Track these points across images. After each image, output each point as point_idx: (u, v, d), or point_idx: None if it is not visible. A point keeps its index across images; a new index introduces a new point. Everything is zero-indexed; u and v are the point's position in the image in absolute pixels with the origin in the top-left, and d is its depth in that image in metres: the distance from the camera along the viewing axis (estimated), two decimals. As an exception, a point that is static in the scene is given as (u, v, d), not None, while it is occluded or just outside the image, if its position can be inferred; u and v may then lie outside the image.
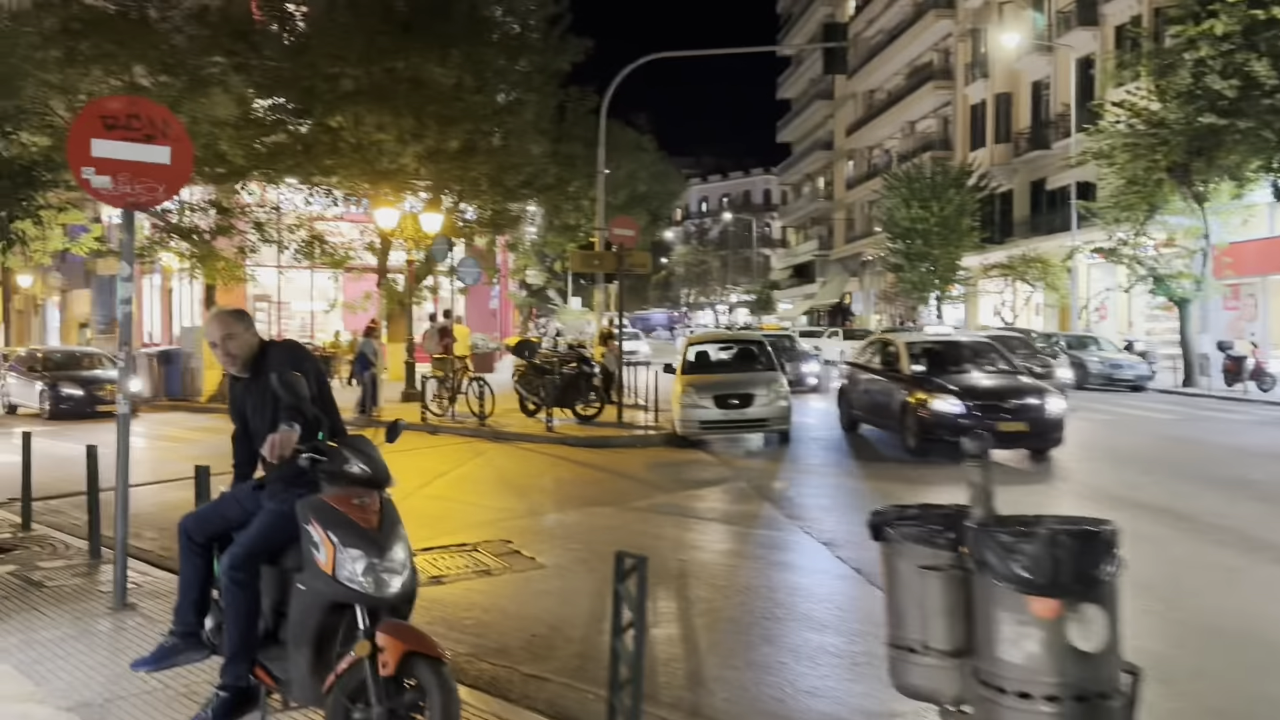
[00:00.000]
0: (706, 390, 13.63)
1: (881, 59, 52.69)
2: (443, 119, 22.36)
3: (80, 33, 21.08)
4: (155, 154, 5.83)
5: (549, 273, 36.31)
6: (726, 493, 10.40)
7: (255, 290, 30.75)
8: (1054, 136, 35.75)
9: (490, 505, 9.83)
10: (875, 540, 3.12)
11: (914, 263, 37.21)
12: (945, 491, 9.62)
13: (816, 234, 68.59)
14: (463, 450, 14.04)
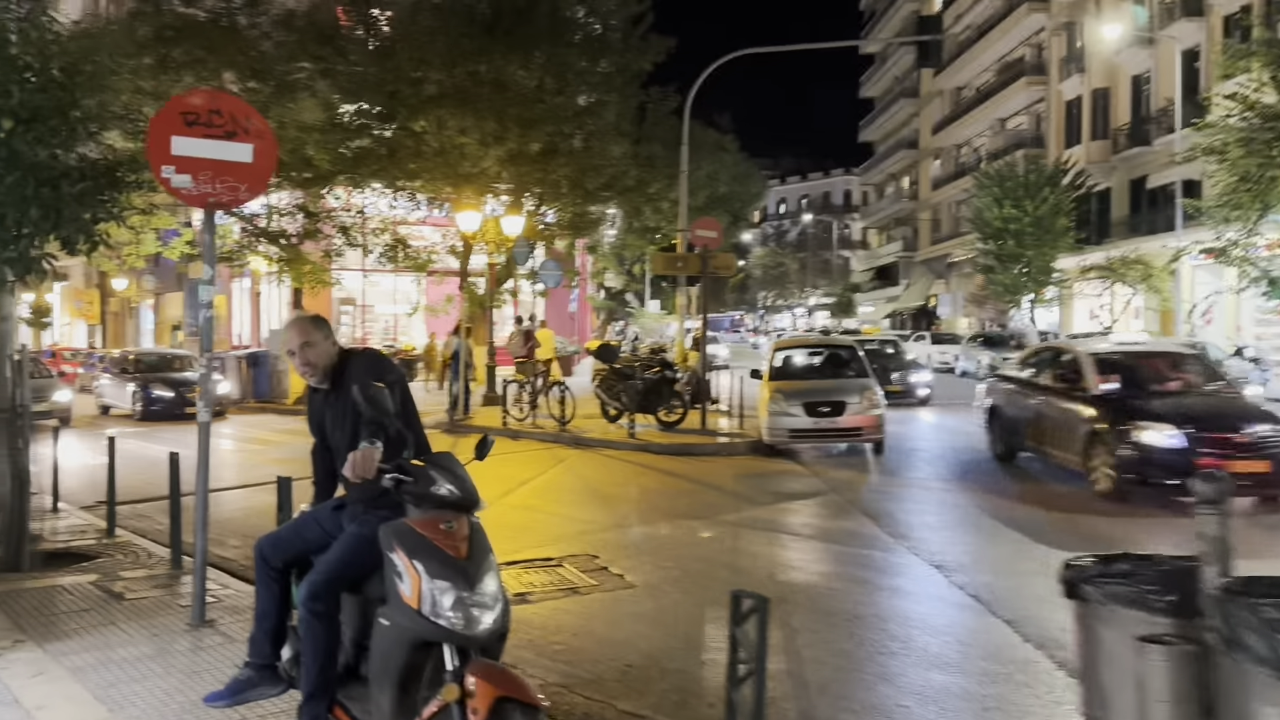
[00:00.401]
0: (796, 397, 13.11)
1: (970, 55, 51.15)
2: (524, 121, 22.21)
3: (172, 40, 21.48)
4: (237, 152, 5.61)
5: (627, 276, 36.00)
6: (821, 507, 9.88)
7: (340, 294, 31.05)
8: (1156, 133, 34.15)
9: (574, 516, 9.49)
10: (1069, 598, 2.62)
11: (1006, 264, 35.90)
12: (1055, 505, 8.97)
13: (900, 235, 67.12)
14: (544, 457, 13.76)
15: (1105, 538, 8.16)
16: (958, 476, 11.84)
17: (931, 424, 17.57)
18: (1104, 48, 37.43)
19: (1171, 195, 34.12)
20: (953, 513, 9.62)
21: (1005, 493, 10.70)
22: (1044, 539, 8.10)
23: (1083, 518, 9.03)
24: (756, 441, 14.02)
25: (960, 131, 54.21)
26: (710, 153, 34.53)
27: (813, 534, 8.61)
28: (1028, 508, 9.73)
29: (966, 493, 10.69)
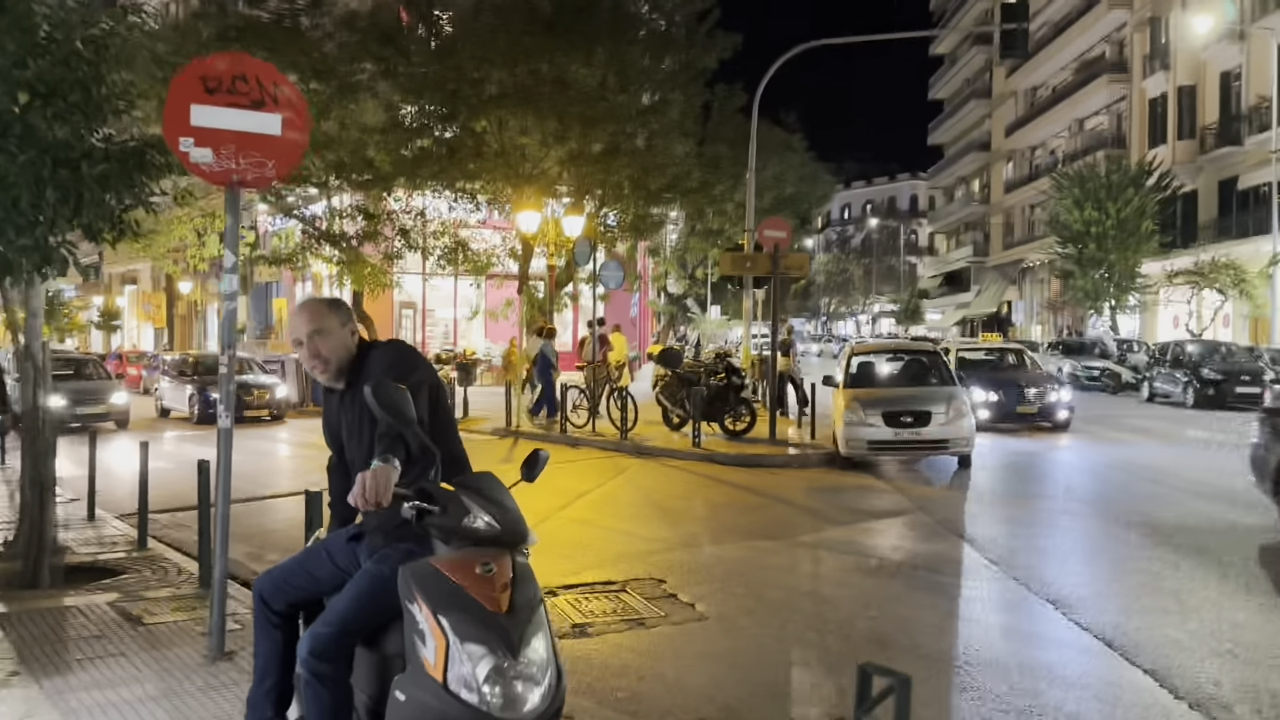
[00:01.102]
0: (875, 406, 12.20)
1: (1046, 54, 49.39)
2: (586, 120, 21.63)
3: (236, 39, 21.31)
4: (264, 123, 4.97)
5: (689, 280, 35.20)
6: (908, 527, 8.99)
7: (400, 297, 30.79)
8: (1248, 131, 32.37)
9: (637, 533, 8.74)
10: None
11: (1087, 269, 34.35)
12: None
13: (970, 240, 65.30)
14: (604, 466, 13.04)
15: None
16: (1058, 494, 10.85)
17: (1084, 460, 13.57)
18: (1190, 44, 35.68)
19: (1264, 197, 32.30)
20: (1060, 536, 8.66)
21: (1108, 511, 9.70)
22: (1179, 572, 7.14)
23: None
24: (831, 453, 13.14)
25: (1035, 133, 52.46)
26: (777, 152, 33.62)
27: (903, 559, 7.73)
28: (1142, 529, 8.74)
29: (1070, 514, 9.71)
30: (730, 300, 58.38)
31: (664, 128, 23.37)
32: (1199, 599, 6.44)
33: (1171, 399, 22.43)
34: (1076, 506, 10.13)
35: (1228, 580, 6.87)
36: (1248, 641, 5.57)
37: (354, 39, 22.40)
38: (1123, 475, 12.23)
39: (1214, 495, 10.34)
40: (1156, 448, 14.58)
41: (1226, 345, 24.39)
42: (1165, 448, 14.65)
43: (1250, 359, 22.69)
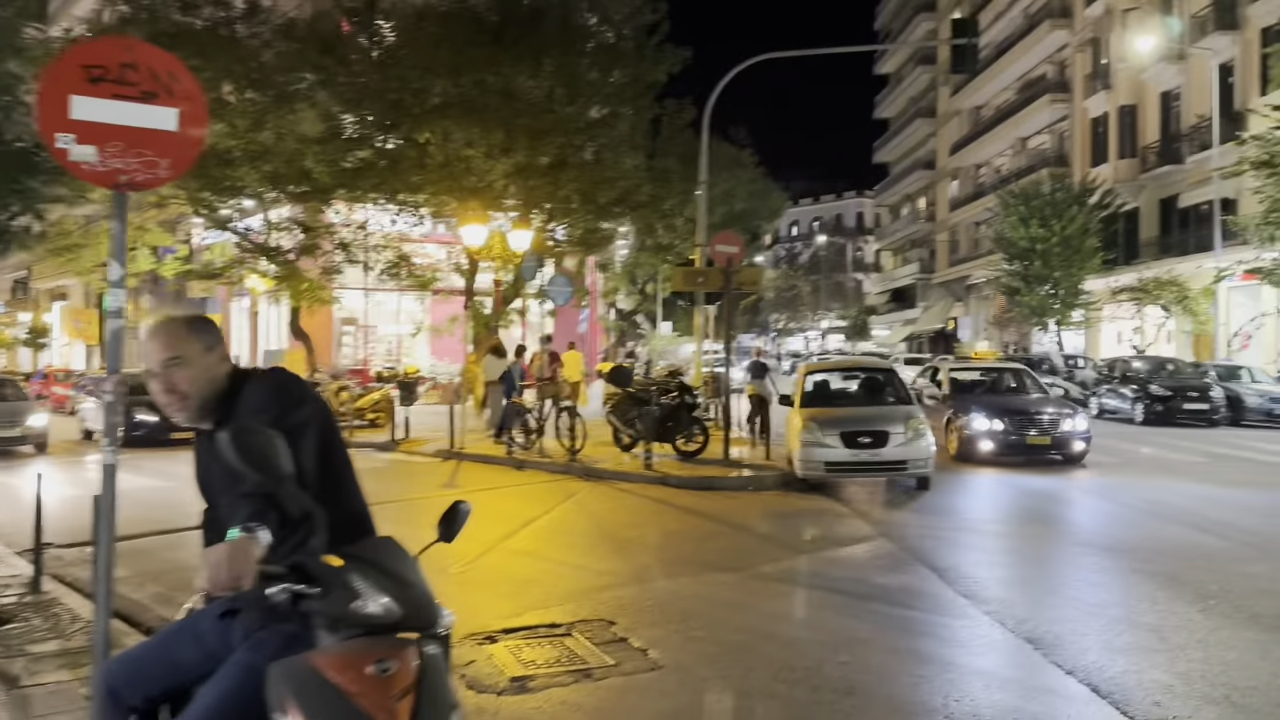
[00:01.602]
0: (832, 426, 11.79)
1: (989, 74, 50.01)
2: (533, 132, 21.11)
3: (166, 47, 20.45)
4: (157, 117, 4.36)
5: (640, 295, 34.76)
6: (873, 556, 8.54)
7: (341, 313, 29.92)
8: (1188, 150, 32.87)
9: (586, 565, 8.17)
10: None
11: (1032, 285, 34.58)
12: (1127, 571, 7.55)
13: (916, 257, 65.88)
14: (552, 490, 12.45)
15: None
16: (1017, 516, 10.50)
17: (1073, 483, 13.26)
18: (1130, 64, 36.25)
19: (1205, 215, 32.83)
20: (1027, 563, 8.28)
21: (1078, 537, 9.37)
22: (1158, 605, 6.77)
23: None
24: (786, 474, 12.71)
25: (979, 151, 53.07)
26: (727, 168, 33.36)
27: (869, 593, 7.27)
28: (1115, 555, 8.40)
29: (1035, 538, 9.35)
30: (681, 316, 58.14)
31: (613, 141, 22.94)
32: (1183, 636, 6.05)
33: (1120, 415, 22.45)
34: (1039, 530, 9.80)
35: (1210, 614, 6.51)
36: (1242, 685, 5.18)
37: (293, 48, 21.69)
38: (1080, 495, 11.96)
39: (1177, 517, 10.07)
40: (1112, 466, 14.38)
41: (1173, 362, 24.55)
42: (1121, 466, 14.45)
43: (1196, 375, 22.82)
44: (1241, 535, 9.07)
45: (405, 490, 12.59)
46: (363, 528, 2.51)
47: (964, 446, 14.43)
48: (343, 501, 2.44)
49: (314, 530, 2.18)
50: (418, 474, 14.26)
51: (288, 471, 2.07)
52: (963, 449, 14.45)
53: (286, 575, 2.04)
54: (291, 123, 21.29)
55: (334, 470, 2.45)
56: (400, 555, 2.33)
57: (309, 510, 2.15)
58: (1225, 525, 9.51)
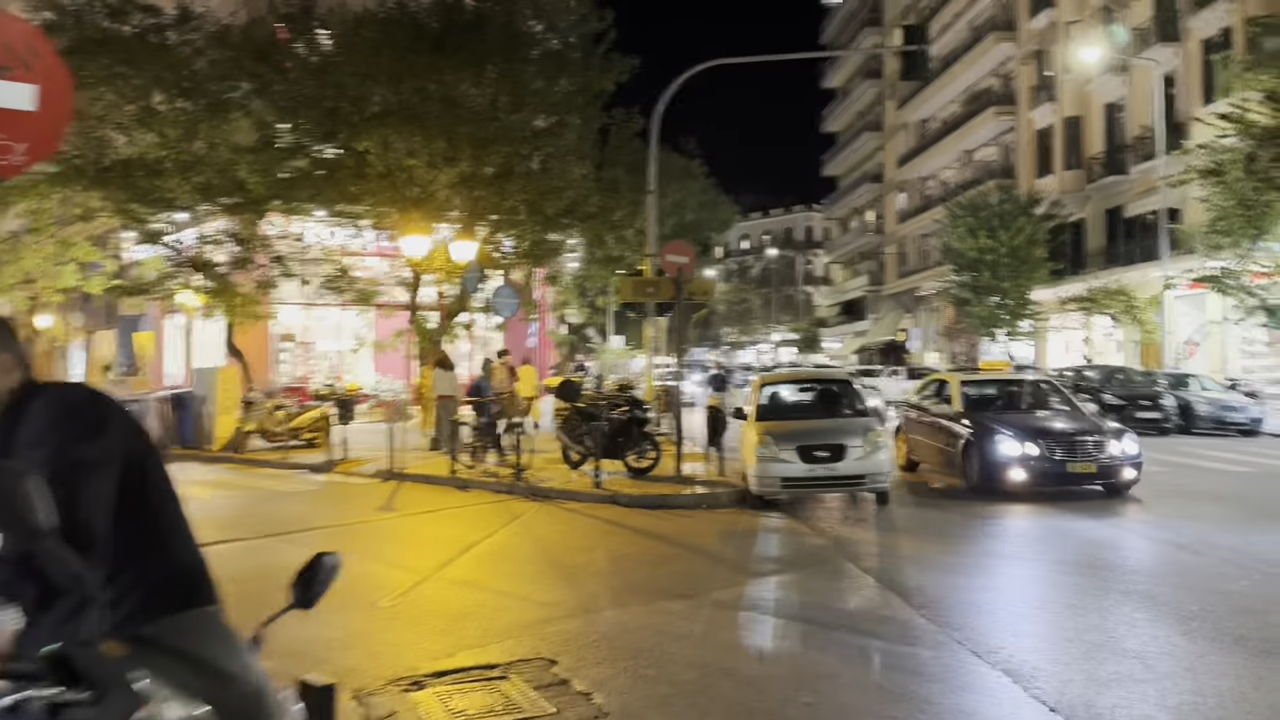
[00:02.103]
0: (788, 440, 11.33)
1: (935, 86, 50.46)
2: (477, 141, 20.51)
3: (91, 54, 19.56)
4: (13, 95, 3.74)
5: (590, 309, 34.19)
6: (833, 578, 8.05)
7: (279, 329, 28.95)
8: (1132, 160, 33.23)
9: (529, 595, 7.58)
10: None
11: (982, 296, 34.67)
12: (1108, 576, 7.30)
13: (866, 269, 66.22)
14: (495, 512, 11.82)
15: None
16: (980, 531, 10.10)
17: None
18: (1075, 76, 36.66)
19: (1150, 225, 33.18)
20: (995, 583, 7.85)
21: (1046, 555, 8.97)
22: (1138, 630, 6.35)
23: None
24: (742, 491, 12.22)
25: (926, 164, 53.48)
26: (676, 178, 33.00)
27: (833, 620, 6.76)
28: (1087, 573, 8.00)
29: (1001, 556, 8.94)
30: (633, 330, 57.63)
31: (560, 150, 22.40)
32: (1169, 664, 5.64)
33: (1073, 425, 22.33)
34: (1003, 546, 9.40)
35: (1193, 637, 6.11)
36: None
37: (226, 55, 20.90)
38: (1041, 511, 11.62)
39: (1146, 532, 9.75)
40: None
41: (1124, 370, 24.58)
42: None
43: (1148, 384, 22.83)
44: (1217, 551, 8.74)
45: (338, 515, 11.89)
46: (195, 591, 1.92)
47: (987, 475, 11.87)
48: (167, 555, 1.85)
49: (88, 606, 1.57)
50: (354, 496, 13.53)
51: (47, 527, 1.48)
52: (985, 478, 11.88)
53: (41, 673, 1.44)
54: (224, 132, 20.51)
55: (151, 516, 1.87)
56: (221, 636, 1.74)
57: (81, 578, 1.55)
58: (1198, 541, 9.19)
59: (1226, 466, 15.48)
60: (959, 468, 12.54)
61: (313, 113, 20.79)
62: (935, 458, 13.59)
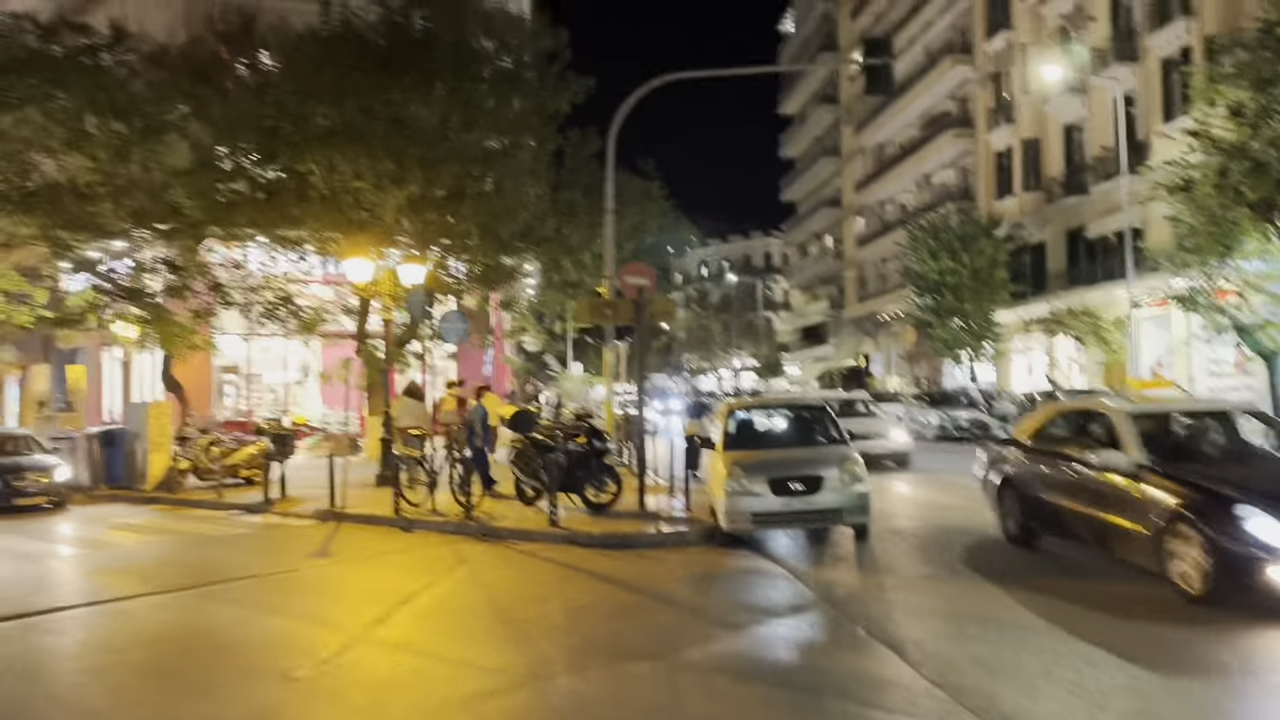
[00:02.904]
0: (759, 472, 10.43)
1: (892, 111, 50.47)
2: (426, 162, 19.62)
3: (19, 74, 18.44)
4: None
5: (547, 335, 33.24)
6: (818, 631, 7.15)
7: (222, 361, 27.66)
8: (1093, 180, 33.05)
9: (470, 661, 6.59)
10: None
11: (944, 319, 34.21)
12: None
13: (826, 294, 65.93)
14: (441, 556, 10.79)
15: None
16: (971, 567, 9.24)
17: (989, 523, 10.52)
18: (1034, 97, 36.57)
19: (1112, 245, 32.97)
20: (1000, 636, 6.96)
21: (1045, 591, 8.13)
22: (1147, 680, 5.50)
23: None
24: (710, 527, 11.29)
25: (884, 188, 53.35)
26: (636, 200, 32.26)
27: (821, 683, 5.84)
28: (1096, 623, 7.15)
29: (998, 598, 8.07)
30: (592, 357, 56.72)
31: (514, 171, 21.55)
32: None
33: (1047, 449, 21.69)
34: (999, 587, 8.52)
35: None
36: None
37: (163, 76, 19.89)
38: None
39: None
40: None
41: (1095, 393, 24.03)
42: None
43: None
44: None
45: (267, 562, 10.79)
46: None
47: (1229, 574, 7.05)
48: None
49: None
50: (288, 540, 12.42)
51: None
52: (1227, 578, 7.07)
53: None
54: (159, 155, 19.44)
55: None
56: None
57: None
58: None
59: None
60: (1154, 557, 7.73)
61: (251, 133, 19.81)
62: (1097, 534, 8.65)
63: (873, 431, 18.64)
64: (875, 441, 18.22)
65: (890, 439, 19.23)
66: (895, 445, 19.09)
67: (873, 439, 18.12)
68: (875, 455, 17.08)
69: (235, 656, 6.89)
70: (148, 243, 21.35)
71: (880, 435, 18.99)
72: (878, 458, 17.72)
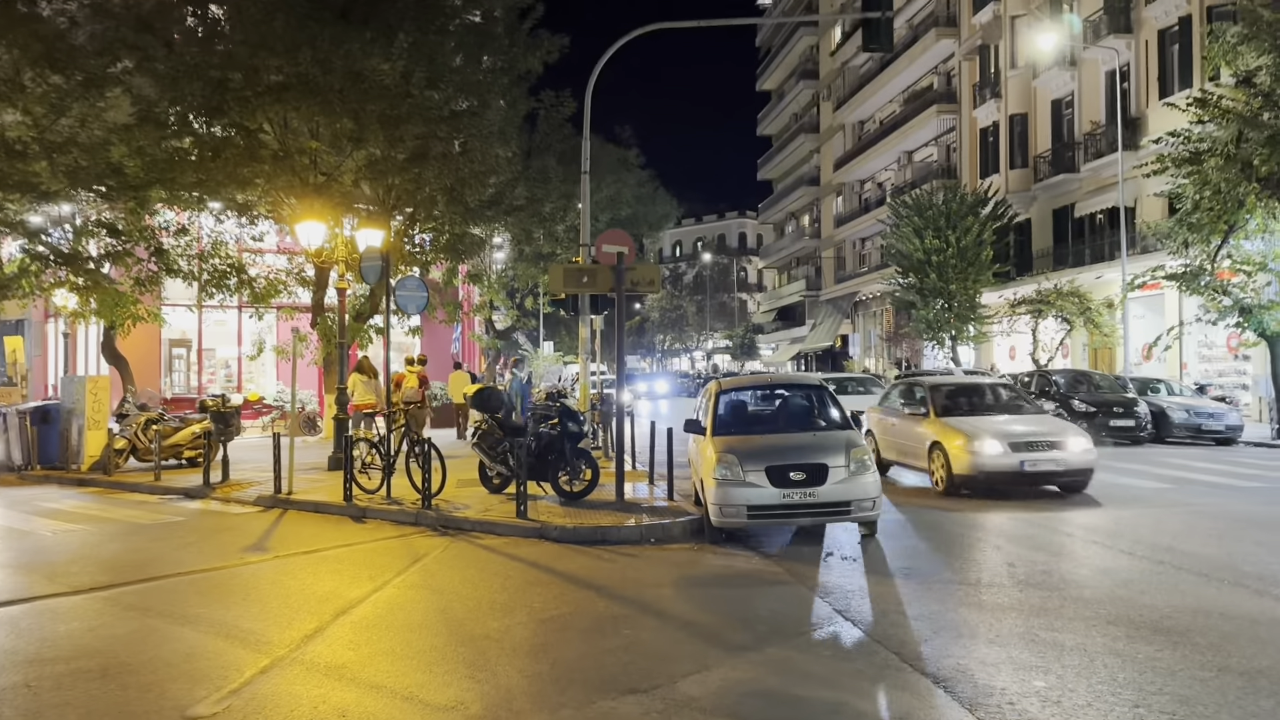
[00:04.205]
0: (755, 459, 9.23)
1: (873, 86, 49.34)
2: (387, 121, 18.15)
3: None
4: None
5: (518, 311, 31.76)
6: (840, 657, 5.93)
7: (171, 334, 26.08)
8: (1083, 157, 32.06)
9: (413, 694, 5.32)
10: None
11: (928, 299, 33.15)
12: None
13: (803, 274, 64.90)
14: (393, 551, 9.51)
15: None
16: (1007, 576, 8.08)
17: (1037, 521, 10.20)
18: (1021, 71, 35.53)
19: (1101, 224, 32.08)
20: (1063, 659, 5.79)
21: (1114, 610, 6.98)
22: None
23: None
24: (696, 520, 10.09)
25: (864, 166, 52.26)
26: (612, 170, 30.82)
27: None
28: (1182, 645, 6.02)
29: (1047, 612, 6.91)
30: (565, 335, 55.21)
31: (482, 132, 20.08)
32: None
33: (1041, 433, 20.69)
34: (1046, 599, 7.37)
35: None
36: None
37: (105, 26, 18.27)
38: (1084, 542, 9.70)
39: (1210, 571, 7.86)
40: (1106, 501, 12.25)
41: (1091, 375, 23.07)
42: (1092, 496, 12.38)
43: (1118, 389, 21.33)
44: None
45: (195, 557, 9.45)
46: None
47: None
48: None
49: None
50: (223, 531, 11.07)
51: None
52: None
53: None
54: (99, 109, 17.89)
55: None
56: None
57: None
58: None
59: (1233, 482, 13.86)
60: None
61: (197, 84, 18.22)
62: None
63: (1039, 436, 12.19)
64: (1043, 454, 11.98)
65: (1067, 448, 12.08)
66: (1073, 457, 12.07)
67: (1039, 448, 11.99)
68: (1042, 473, 12.02)
69: (124, 685, 5.58)
70: (89, 204, 19.79)
71: (1051, 441, 12.10)
72: (1045, 477, 12.18)
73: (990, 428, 12.31)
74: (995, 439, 11.97)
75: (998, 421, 12.72)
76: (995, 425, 12.47)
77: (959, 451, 12.13)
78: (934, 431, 12.82)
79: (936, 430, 12.78)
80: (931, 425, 12.99)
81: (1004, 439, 11.98)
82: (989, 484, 12.06)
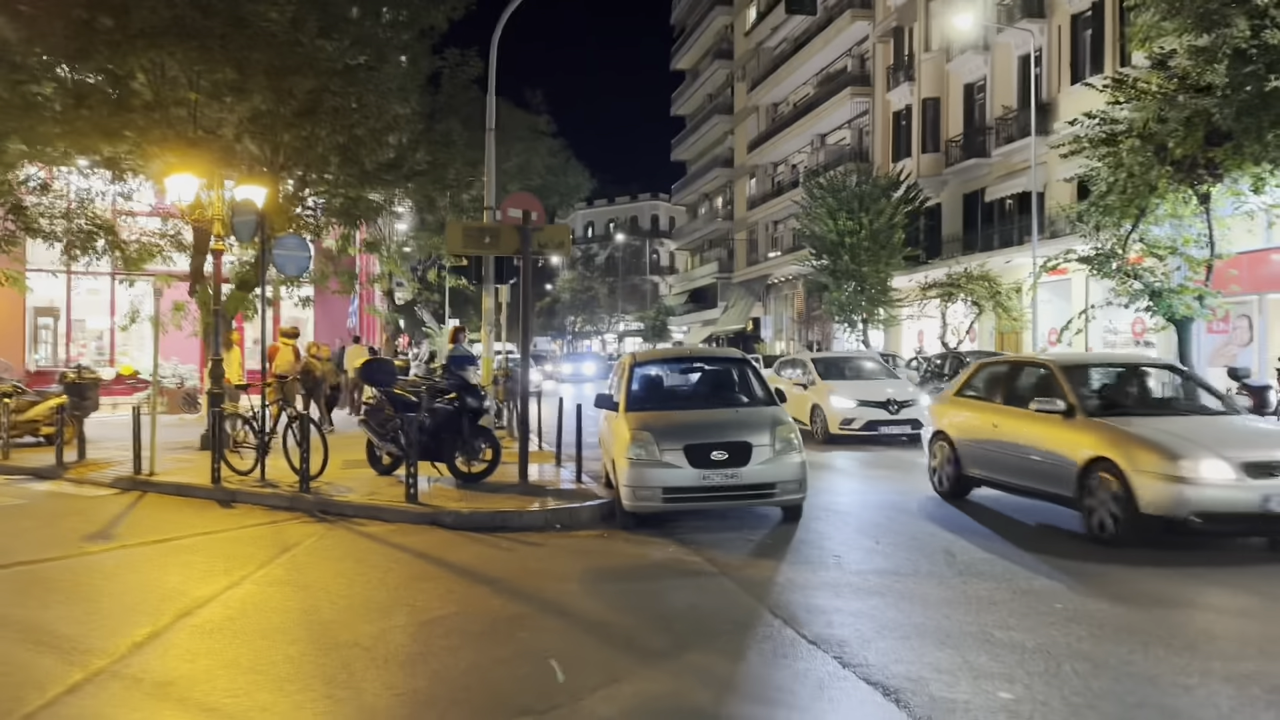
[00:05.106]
0: (672, 438, 8.36)
1: (788, 68, 48.95)
2: (274, 72, 16.64)
3: None
4: None
5: (419, 284, 30.20)
6: (773, 662, 5.08)
7: (37, 302, 23.98)
8: (994, 142, 32.10)
9: (253, 718, 4.28)
10: None
11: (840, 281, 32.89)
12: None
13: (715, 257, 64.50)
14: (259, 541, 8.35)
15: None
16: (944, 564, 7.37)
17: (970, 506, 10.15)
18: (935, 55, 35.44)
19: (1010, 210, 32.22)
20: (1030, 663, 5.06)
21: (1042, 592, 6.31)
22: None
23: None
24: (607, 504, 9.19)
25: (778, 148, 51.87)
26: (522, 138, 29.50)
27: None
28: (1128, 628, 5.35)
29: (996, 603, 6.20)
30: (474, 314, 53.64)
31: (380, 88, 18.69)
32: None
33: (955, 415, 20.40)
34: (991, 589, 6.68)
35: None
36: None
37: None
38: (997, 521, 9.10)
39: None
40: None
41: (1004, 356, 22.89)
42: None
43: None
44: None
45: (29, 546, 8.16)
46: None
47: None
48: None
49: None
50: (70, 515, 9.72)
51: None
52: None
53: None
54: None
55: None
56: None
57: None
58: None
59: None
60: None
61: (59, 23, 16.43)
62: None
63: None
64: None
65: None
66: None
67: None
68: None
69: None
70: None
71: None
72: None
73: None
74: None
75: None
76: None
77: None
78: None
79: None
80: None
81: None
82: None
